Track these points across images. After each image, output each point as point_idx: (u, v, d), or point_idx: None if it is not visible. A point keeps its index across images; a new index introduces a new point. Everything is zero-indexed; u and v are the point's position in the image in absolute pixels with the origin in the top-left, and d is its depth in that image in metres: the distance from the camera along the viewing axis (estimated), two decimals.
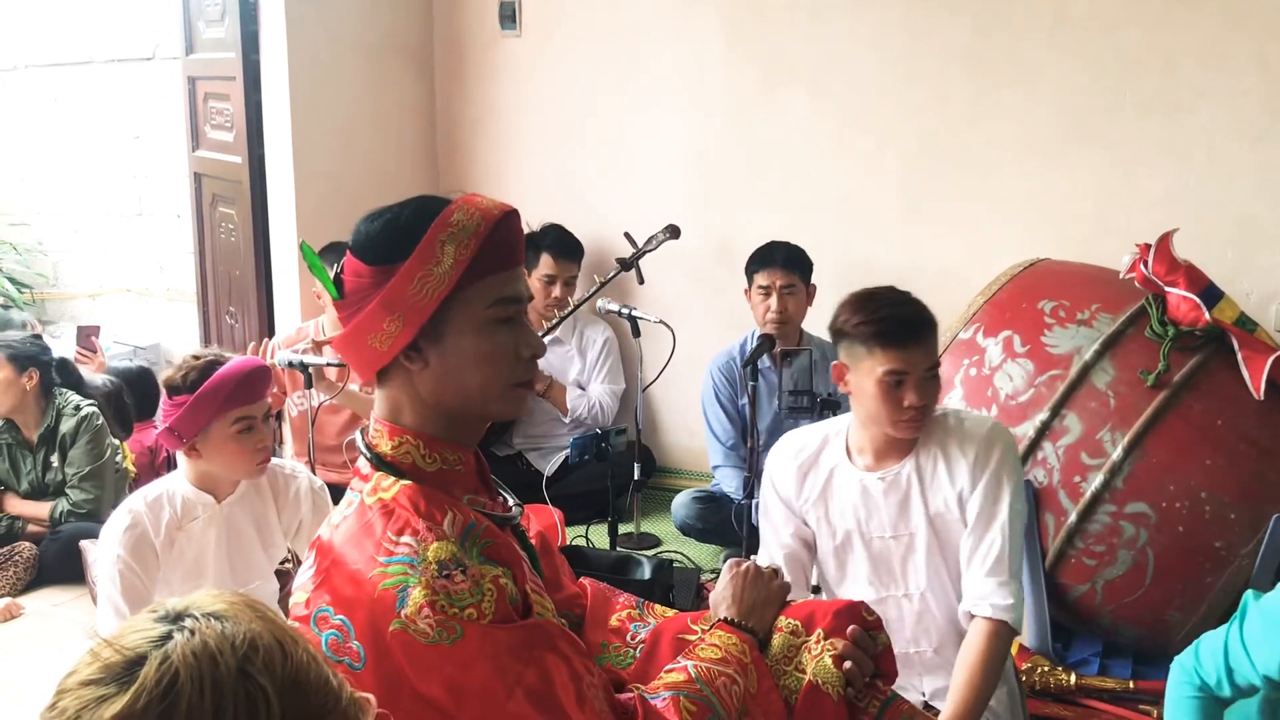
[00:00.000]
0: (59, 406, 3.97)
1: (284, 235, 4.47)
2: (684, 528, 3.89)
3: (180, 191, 5.25)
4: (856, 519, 2.31)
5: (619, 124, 4.56)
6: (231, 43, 4.39)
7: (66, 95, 5.65)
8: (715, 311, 4.34)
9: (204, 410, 2.53)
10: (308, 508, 2.84)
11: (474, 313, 1.43)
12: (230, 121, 4.52)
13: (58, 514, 3.90)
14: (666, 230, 3.96)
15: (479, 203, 1.46)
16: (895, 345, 2.17)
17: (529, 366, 1.50)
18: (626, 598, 1.82)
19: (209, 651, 0.87)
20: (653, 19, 4.43)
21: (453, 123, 4.92)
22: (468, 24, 4.78)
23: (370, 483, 1.46)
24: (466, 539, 1.40)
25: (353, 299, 1.46)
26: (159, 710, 0.84)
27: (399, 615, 1.31)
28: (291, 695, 0.90)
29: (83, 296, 5.80)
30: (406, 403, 1.48)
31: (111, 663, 0.87)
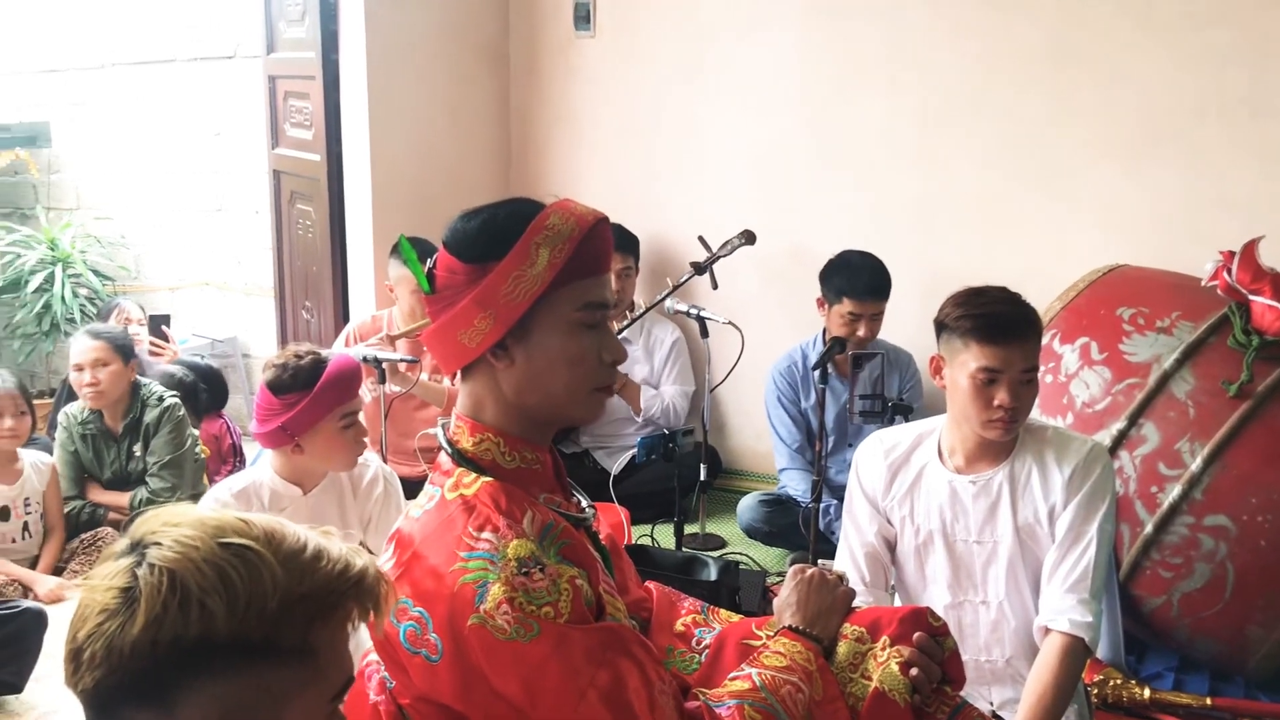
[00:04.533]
0: (143, 397, 4.08)
1: (360, 232, 4.55)
2: (750, 530, 3.89)
3: (259, 188, 5.36)
4: (942, 520, 2.30)
5: (691, 124, 4.56)
6: (311, 42, 4.47)
7: (150, 93, 5.78)
8: (785, 313, 4.32)
9: (319, 408, 2.59)
10: (380, 496, 2.89)
11: (562, 315, 1.46)
12: (309, 120, 4.60)
13: (137, 501, 4.00)
14: (742, 235, 3.95)
15: (573, 208, 1.49)
16: (991, 342, 2.15)
17: (610, 372, 1.53)
18: (692, 602, 1.83)
19: (183, 544, 0.94)
20: (727, 19, 4.42)
21: (526, 122, 4.96)
22: (543, 24, 4.82)
23: (451, 478, 1.48)
24: (545, 538, 1.42)
25: (445, 294, 1.49)
26: (176, 602, 0.91)
27: (478, 610, 1.34)
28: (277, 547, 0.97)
29: (163, 290, 5.93)
30: (489, 400, 1.51)
31: (108, 601, 0.93)
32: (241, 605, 0.92)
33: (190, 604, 0.91)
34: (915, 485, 2.33)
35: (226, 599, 0.92)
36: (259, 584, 0.94)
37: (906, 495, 2.34)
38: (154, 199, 5.87)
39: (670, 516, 3.88)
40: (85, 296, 5.71)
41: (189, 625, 0.91)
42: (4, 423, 3.71)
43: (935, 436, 2.34)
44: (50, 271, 5.65)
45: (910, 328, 3.93)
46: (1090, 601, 2.17)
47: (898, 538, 2.38)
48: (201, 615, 0.91)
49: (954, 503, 2.29)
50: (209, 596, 0.92)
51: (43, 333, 5.72)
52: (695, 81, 4.52)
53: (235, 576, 0.93)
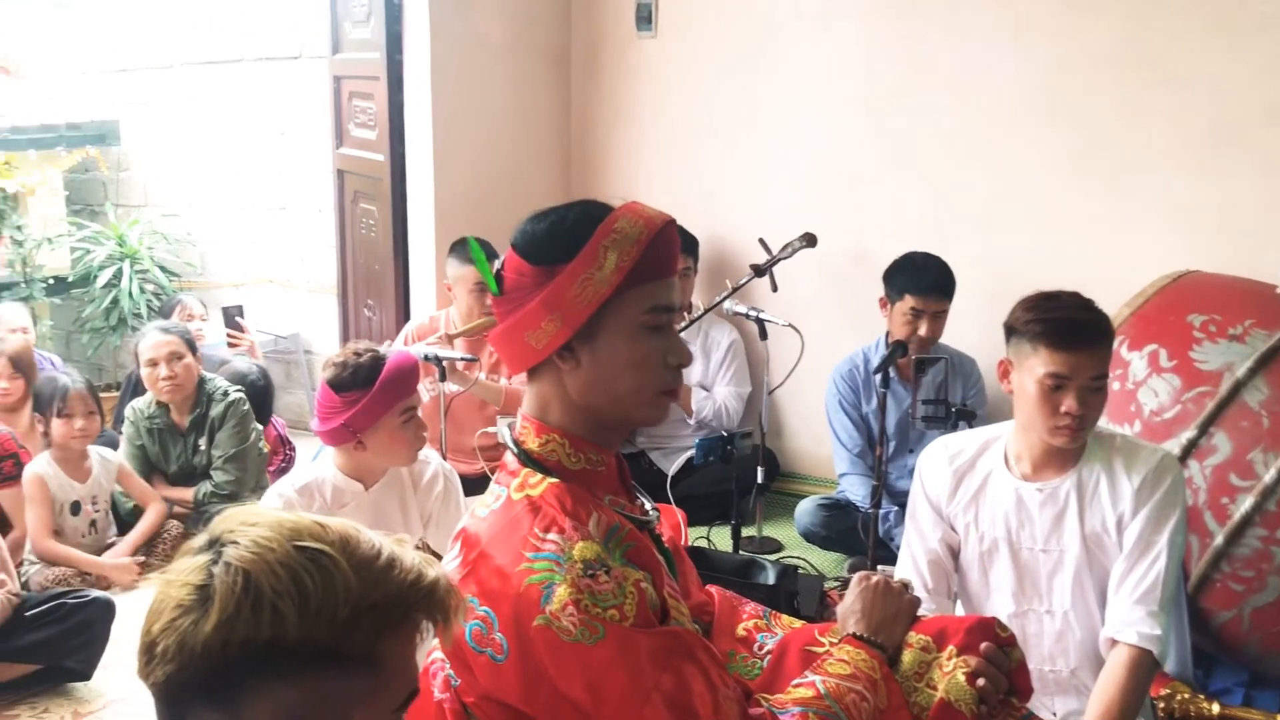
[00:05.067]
0: (209, 392, 4.15)
1: (422, 231, 4.59)
2: (807, 534, 3.87)
3: (322, 187, 5.42)
4: (1007, 528, 2.27)
5: (752, 125, 4.54)
6: (376, 43, 4.51)
7: (217, 93, 5.87)
8: (846, 316, 4.30)
9: (380, 405, 2.63)
10: (439, 493, 2.92)
11: (628, 318, 1.46)
12: (373, 120, 4.64)
13: (201, 495, 4.07)
14: (803, 238, 3.93)
15: (641, 210, 1.49)
16: (1061, 347, 2.12)
17: (676, 375, 1.53)
18: (753, 607, 1.82)
19: (260, 545, 0.94)
20: (789, 20, 4.40)
21: (587, 122, 4.97)
22: (605, 24, 4.83)
23: (517, 478, 1.49)
24: (610, 540, 1.42)
25: (513, 295, 1.50)
26: (250, 603, 0.91)
27: (544, 611, 1.34)
28: (351, 553, 0.96)
29: (227, 286, 6.02)
30: (555, 401, 1.51)
31: (183, 597, 0.93)
32: (312, 610, 0.92)
33: (263, 606, 0.92)
34: (980, 492, 2.31)
35: (298, 603, 0.92)
36: (331, 590, 0.94)
37: (971, 502, 2.31)
38: (219, 197, 5.97)
39: (726, 519, 3.87)
40: (152, 292, 5.82)
41: (260, 627, 0.91)
42: (74, 423, 3.79)
43: (1002, 443, 2.31)
44: (118, 267, 5.77)
45: (974, 333, 3.89)
46: (1159, 614, 2.13)
47: (961, 545, 2.36)
48: (273, 618, 0.92)
49: (1020, 510, 2.26)
50: (281, 600, 0.92)
51: (110, 327, 5.84)
52: (756, 82, 4.50)
53: (308, 581, 0.93)
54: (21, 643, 3.06)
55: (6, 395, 4.13)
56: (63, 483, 3.82)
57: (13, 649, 3.07)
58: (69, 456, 3.83)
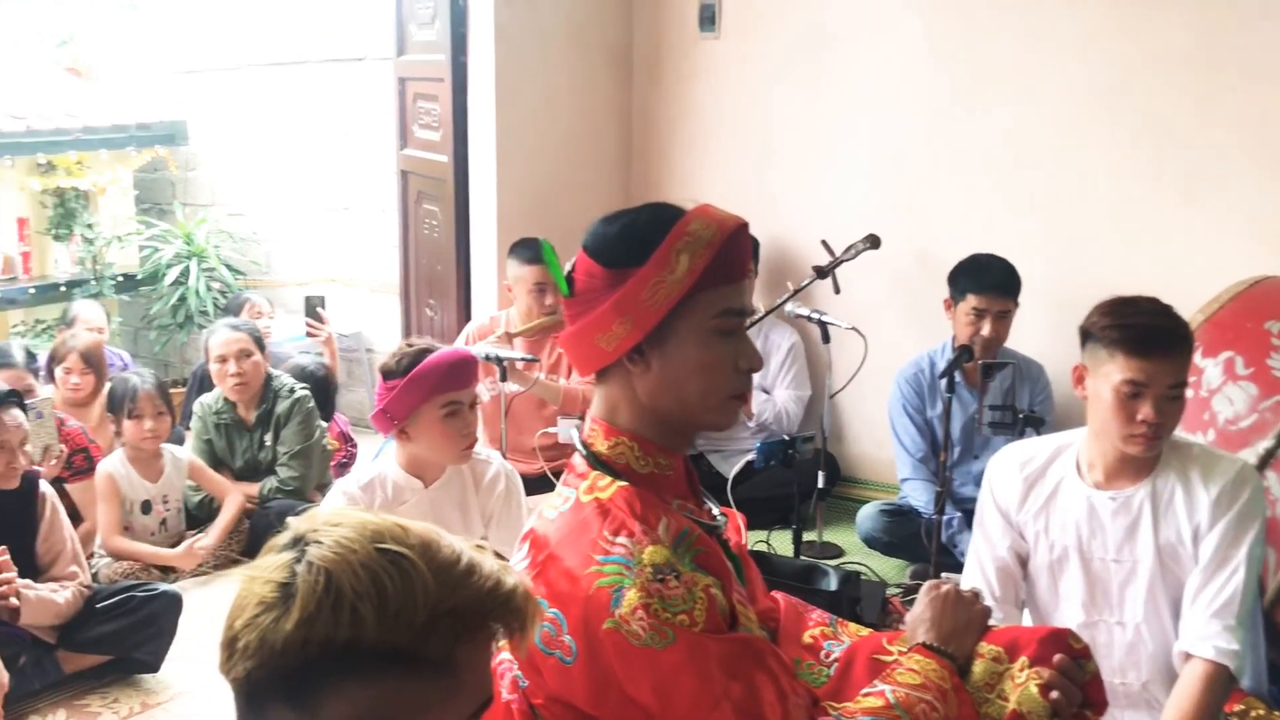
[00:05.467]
0: (275, 389, 4.20)
1: (484, 232, 4.61)
2: (869, 540, 3.83)
3: (386, 187, 5.47)
4: (1078, 536, 2.23)
5: (815, 126, 4.51)
6: (441, 45, 4.55)
7: (283, 94, 5.96)
8: (910, 320, 4.25)
9: (414, 393, 2.64)
10: (501, 494, 2.93)
11: (699, 322, 1.45)
12: (437, 121, 4.68)
13: (266, 490, 4.12)
14: (866, 240, 3.90)
15: (714, 213, 1.48)
16: (1139, 354, 2.08)
17: (746, 379, 1.51)
18: (820, 614, 1.81)
19: (343, 546, 0.94)
20: (853, 21, 4.37)
21: (648, 124, 4.97)
22: (668, 26, 4.83)
23: (586, 481, 1.48)
24: (680, 545, 1.41)
25: (583, 298, 1.49)
26: (330, 603, 0.91)
27: (613, 614, 1.34)
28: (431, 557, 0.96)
29: (292, 285, 6.10)
30: (624, 404, 1.51)
31: (266, 594, 0.93)
32: (391, 613, 0.92)
33: (343, 607, 0.92)
34: (1051, 500, 2.27)
35: (377, 605, 0.92)
36: (410, 593, 0.93)
37: (1042, 510, 2.28)
38: (285, 197, 6.06)
39: (786, 523, 3.85)
40: (218, 290, 5.92)
41: (340, 627, 0.91)
42: (144, 423, 3.85)
43: (1073, 450, 2.27)
44: (186, 265, 5.88)
45: (1040, 338, 3.83)
46: (1236, 628, 2.08)
47: (1030, 553, 2.32)
48: (352, 619, 0.91)
49: (1091, 519, 2.22)
50: (361, 601, 0.92)
51: (177, 324, 5.95)
52: (820, 82, 4.47)
53: (388, 583, 0.93)
54: (92, 634, 3.13)
55: (77, 390, 4.22)
56: (134, 482, 3.89)
57: (84, 640, 3.13)
58: (141, 456, 3.90)
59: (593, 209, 4.92)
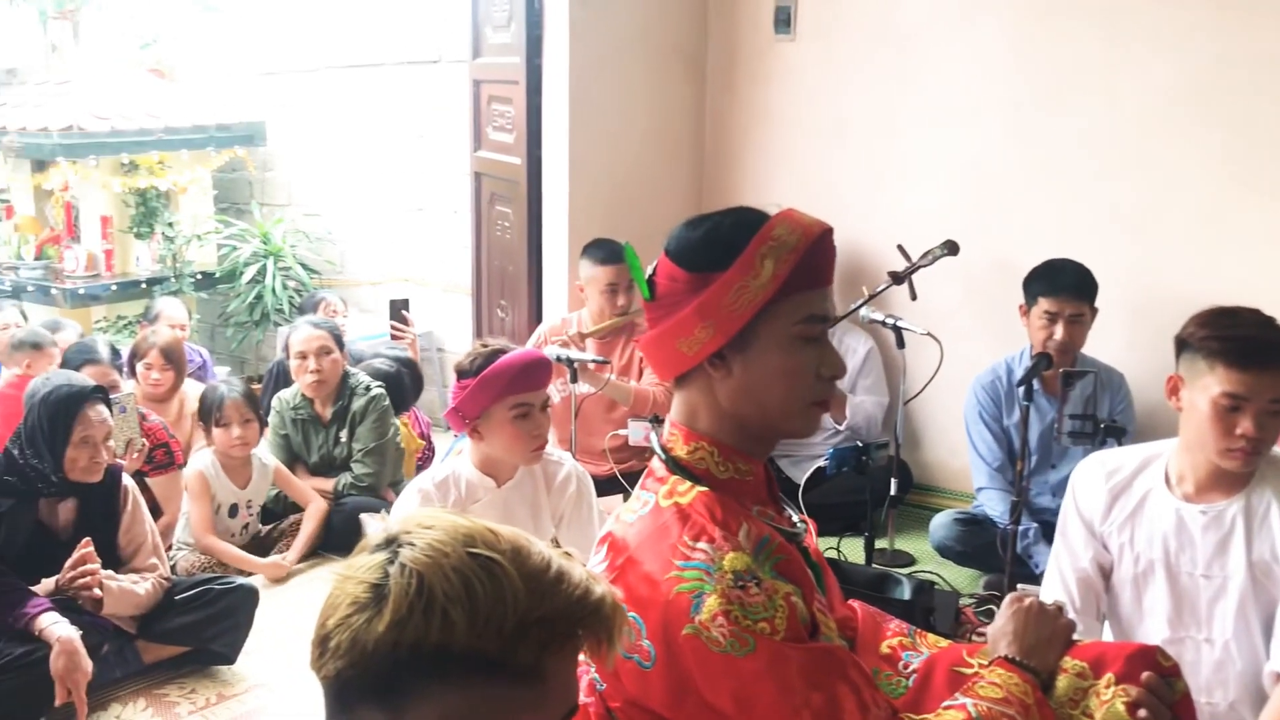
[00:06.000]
0: (351, 386, 4.26)
1: (556, 233, 4.63)
2: (942, 549, 3.78)
3: (458, 189, 5.52)
4: (1165, 550, 2.18)
5: (892, 129, 4.47)
6: (516, 47, 4.57)
7: (359, 95, 6.03)
8: (987, 326, 4.19)
9: (486, 393, 2.67)
10: (573, 495, 2.94)
11: (782, 328, 1.44)
12: (511, 124, 4.70)
13: (341, 486, 4.18)
14: (944, 246, 3.85)
15: (799, 218, 1.47)
16: (1240, 367, 2.02)
17: (828, 387, 1.50)
18: (898, 624, 1.79)
19: (435, 549, 0.95)
20: (932, 23, 4.31)
21: (721, 127, 4.95)
22: (742, 28, 4.80)
23: (666, 485, 1.48)
24: (760, 552, 1.40)
25: (665, 301, 1.48)
26: (422, 606, 0.91)
27: (693, 620, 1.33)
28: (522, 563, 0.96)
29: (365, 284, 6.18)
30: (704, 408, 1.50)
31: (358, 594, 0.94)
32: (481, 619, 0.92)
33: (434, 610, 0.92)
34: (1138, 511, 2.22)
35: (468, 610, 0.92)
36: (500, 599, 0.94)
37: (1127, 521, 2.23)
38: (359, 197, 6.13)
39: (857, 530, 3.81)
40: (293, 289, 6.00)
41: (430, 631, 0.92)
42: (232, 431, 3.92)
43: (1162, 461, 2.22)
44: (263, 264, 5.98)
45: (1119, 346, 3.76)
46: None
47: (1114, 565, 2.27)
48: (443, 623, 0.92)
49: (1180, 532, 2.17)
50: (452, 605, 0.92)
51: (253, 322, 6.05)
52: (898, 85, 4.42)
53: (479, 588, 0.93)
54: (171, 625, 3.18)
55: (157, 386, 4.31)
56: (224, 486, 3.96)
57: (163, 631, 3.19)
58: (231, 463, 3.97)
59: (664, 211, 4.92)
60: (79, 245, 5.98)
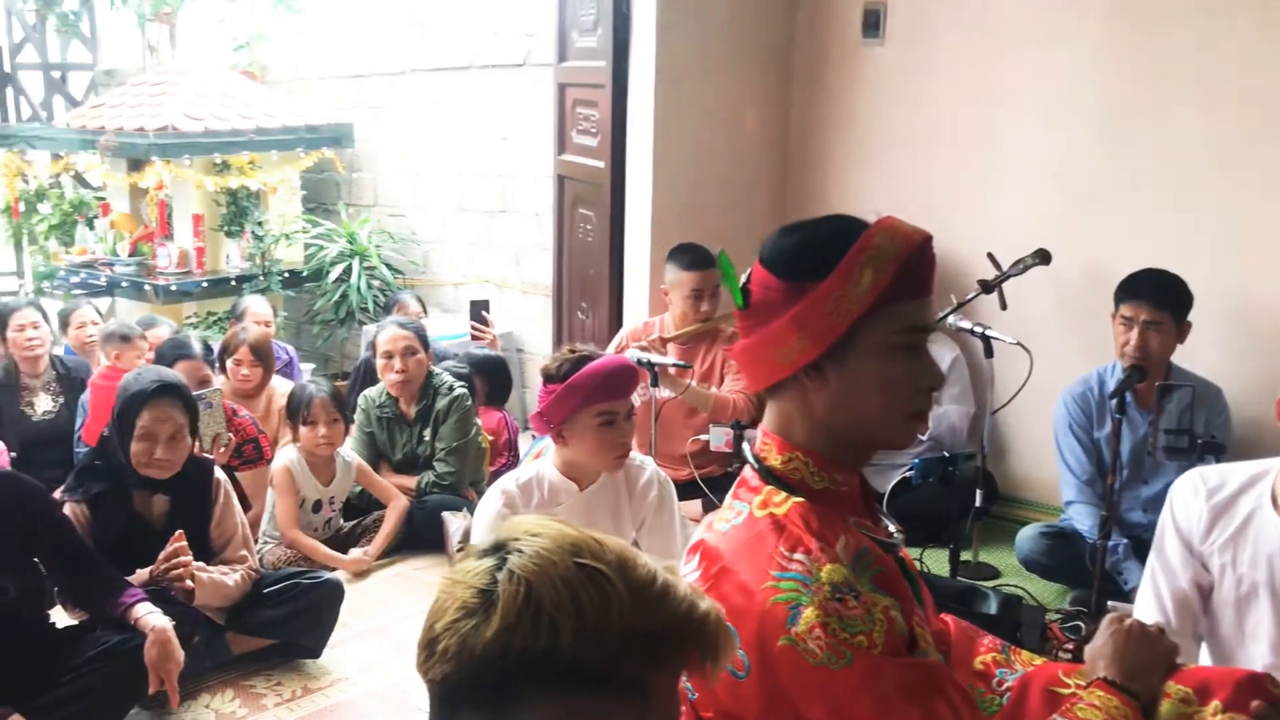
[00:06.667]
0: (435, 385, 4.31)
1: (638, 237, 4.63)
2: (1028, 562, 3.70)
3: (540, 191, 5.56)
4: (1271, 572, 2.11)
5: (983, 136, 4.40)
6: (603, 51, 4.58)
7: (445, 98, 6.11)
8: (1078, 337, 4.10)
9: (571, 400, 2.68)
10: (654, 500, 2.94)
11: (881, 338, 1.42)
12: (596, 127, 4.72)
13: (424, 484, 4.22)
14: (1036, 255, 3.77)
15: (899, 226, 1.44)
16: None
17: (926, 398, 1.48)
18: (991, 640, 1.76)
19: (543, 558, 0.95)
20: (1024, 26, 4.23)
21: (806, 131, 4.92)
22: (830, 32, 4.77)
23: (760, 495, 1.47)
24: (858, 564, 1.38)
25: (759, 310, 1.47)
26: (530, 614, 0.92)
27: (789, 632, 1.32)
28: (628, 575, 0.96)
29: (447, 285, 6.25)
30: (798, 419, 1.48)
31: (467, 599, 0.95)
32: (587, 630, 0.92)
33: (542, 619, 0.92)
34: (1242, 531, 2.15)
35: (575, 620, 0.92)
36: (606, 610, 0.93)
37: (1230, 541, 2.16)
38: (443, 198, 6.20)
39: (939, 541, 3.75)
40: (378, 288, 6.09)
41: (538, 639, 0.92)
42: (319, 430, 3.99)
43: (1269, 480, 2.15)
44: (349, 264, 6.07)
45: (1217, 359, 3.66)
46: None
47: (1214, 586, 2.20)
48: (550, 632, 0.92)
49: None
50: (559, 614, 0.92)
51: (339, 320, 6.15)
52: (989, 91, 4.35)
53: (585, 599, 0.93)
54: (259, 618, 3.24)
55: (246, 382, 4.40)
56: (309, 482, 4.03)
57: (251, 623, 3.25)
58: (316, 461, 4.04)
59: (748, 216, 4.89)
60: (172, 243, 6.14)
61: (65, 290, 6.38)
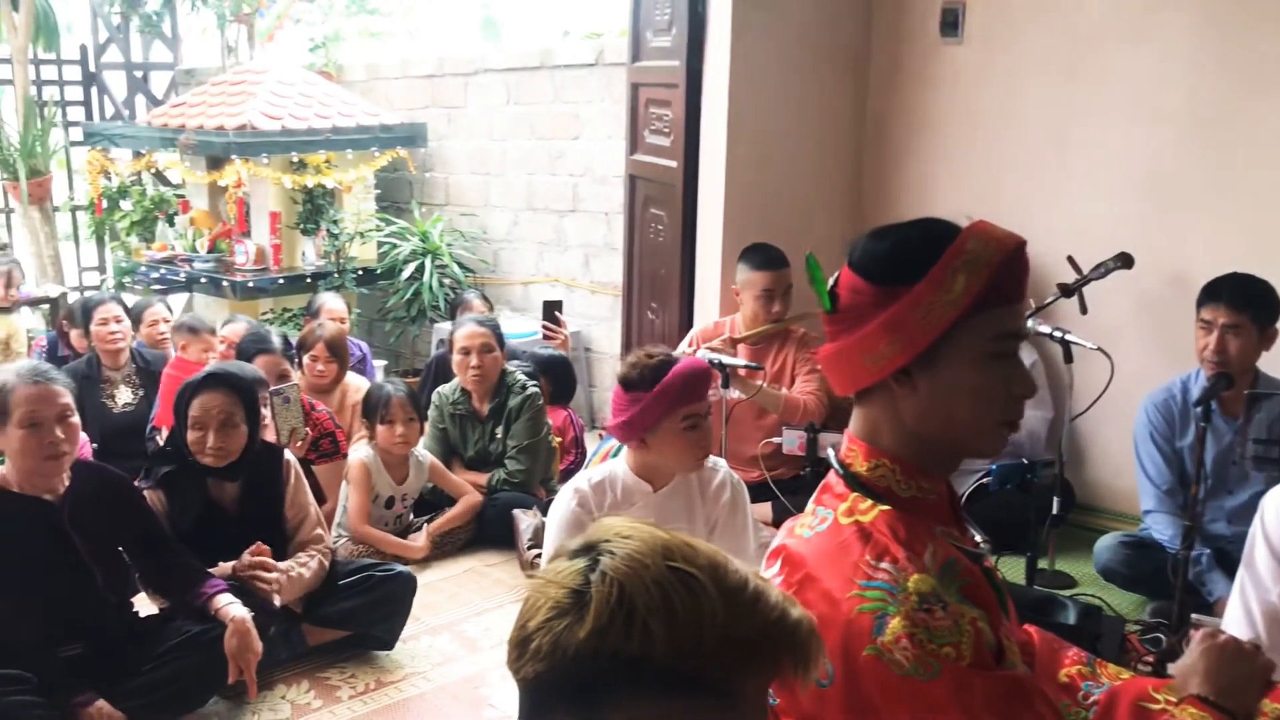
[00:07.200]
0: (509, 384, 4.34)
1: (710, 237, 4.61)
2: (1106, 572, 3.62)
3: (610, 191, 5.57)
4: None
5: (1064, 137, 4.31)
6: (677, 51, 4.57)
7: (516, 98, 6.14)
8: (1160, 343, 4.01)
9: (658, 407, 2.68)
10: (727, 502, 2.93)
11: (974, 344, 1.39)
12: (669, 127, 4.71)
13: (495, 481, 4.25)
14: (1118, 258, 3.69)
15: (993, 231, 1.42)
16: None
17: (1018, 406, 1.45)
18: (1076, 652, 1.72)
19: (635, 560, 0.94)
20: (1111, 24, 4.15)
21: (882, 132, 4.87)
22: (907, 31, 4.71)
23: (845, 502, 1.45)
24: (946, 575, 1.36)
25: (847, 314, 1.45)
26: (623, 616, 0.91)
27: (874, 641, 1.30)
28: (720, 581, 0.95)
29: (516, 283, 6.29)
30: (886, 425, 1.46)
31: (559, 599, 0.94)
32: (680, 633, 0.92)
33: (635, 621, 0.92)
34: None
35: (667, 623, 0.92)
36: (699, 615, 0.93)
37: None
38: (514, 197, 6.24)
39: (1014, 549, 3.69)
40: (449, 286, 6.14)
41: (631, 641, 0.92)
42: (395, 429, 4.03)
43: None
44: (421, 262, 6.14)
45: None
46: None
47: None
48: (643, 634, 0.92)
49: None
50: (653, 617, 0.92)
51: (410, 318, 6.22)
52: (1071, 91, 4.27)
53: (678, 602, 0.93)
54: (334, 609, 3.29)
55: (322, 377, 4.46)
56: (383, 479, 4.08)
57: (326, 615, 3.30)
58: (391, 459, 4.08)
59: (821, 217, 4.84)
60: (249, 240, 6.24)
61: (144, 285, 6.53)
